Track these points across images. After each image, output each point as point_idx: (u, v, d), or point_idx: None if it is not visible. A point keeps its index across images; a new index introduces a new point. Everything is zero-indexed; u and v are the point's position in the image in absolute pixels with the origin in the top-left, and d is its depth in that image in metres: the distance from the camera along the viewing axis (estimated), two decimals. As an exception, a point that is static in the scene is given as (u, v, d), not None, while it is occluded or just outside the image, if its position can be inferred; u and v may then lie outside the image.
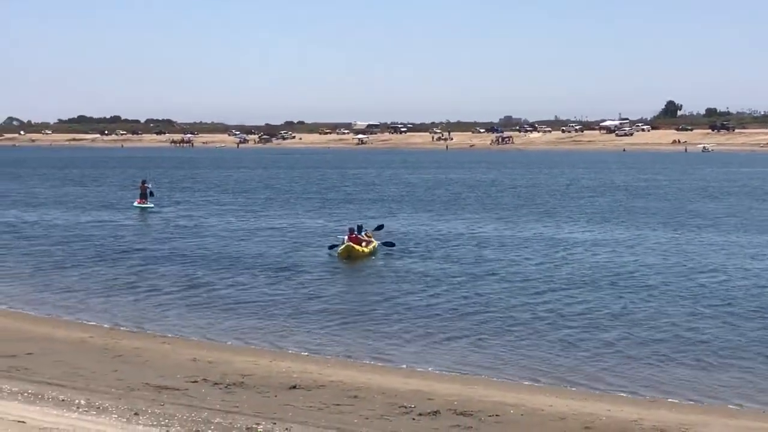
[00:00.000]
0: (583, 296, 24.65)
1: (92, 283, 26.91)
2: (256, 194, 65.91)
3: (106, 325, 20.74)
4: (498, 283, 26.77)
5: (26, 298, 24.71)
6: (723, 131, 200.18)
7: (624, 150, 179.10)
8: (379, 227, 36.01)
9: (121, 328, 20.49)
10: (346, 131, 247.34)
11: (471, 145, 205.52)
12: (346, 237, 32.43)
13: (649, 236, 38.50)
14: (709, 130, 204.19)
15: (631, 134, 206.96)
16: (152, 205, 52.75)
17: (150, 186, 54.54)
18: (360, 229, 33.38)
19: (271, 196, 64.34)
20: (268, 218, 46.99)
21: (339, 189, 71.79)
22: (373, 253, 32.53)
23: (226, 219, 46.82)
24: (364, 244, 32.38)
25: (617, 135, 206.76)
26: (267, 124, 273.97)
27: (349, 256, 31.63)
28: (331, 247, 33.16)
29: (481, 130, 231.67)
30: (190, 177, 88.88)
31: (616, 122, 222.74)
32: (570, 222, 44.82)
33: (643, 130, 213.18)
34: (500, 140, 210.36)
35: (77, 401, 13.01)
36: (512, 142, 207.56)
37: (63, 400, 13.05)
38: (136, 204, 53.53)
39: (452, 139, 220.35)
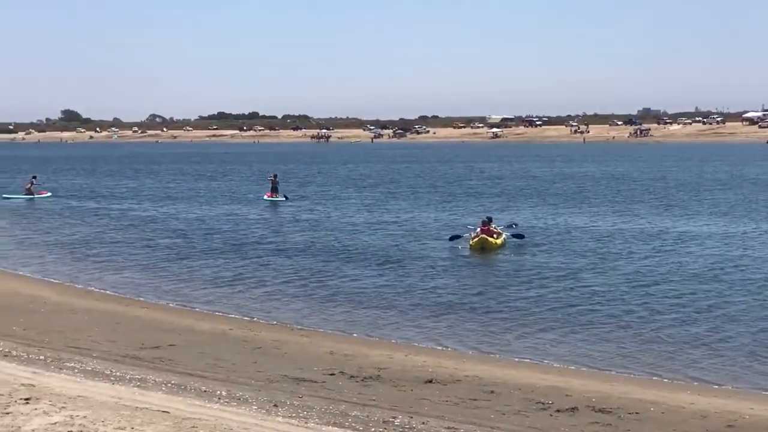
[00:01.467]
0: (715, 291, 23.96)
1: (224, 275, 27.54)
2: (381, 188, 66.38)
3: (245, 318, 21.15)
4: (624, 276, 26.37)
5: (166, 289, 25.43)
6: None
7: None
8: (511, 226, 36.19)
9: (260, 321, 20.84)
10: (480, 125, 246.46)
11: (612, 137, 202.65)
12: (479, 229, 32.45)
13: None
14: None
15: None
16: (283, 198, 54.13)
17: (279, 184, 56.08)
18: (490, 220, 33.39)
19: (397, 190, 64.69)
20: (392, 212, 47.24)
21: (464, 183, 71.78)
22: (503, 245, 32.49)
23: (351, 213, 47.36)
24: (495, 236, 32.40)
25: (760, 127, 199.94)
26: (401, 119, 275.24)
27: (483, 248, 31.65)
28: (452, 238, 33.40)
29: (619, 123, 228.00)
30: (319, 172, 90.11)
31: (759, 113, 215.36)
32: (694, 215, 43.73)
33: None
34: (638, 133, 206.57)
35: (219, 392, 13.27)
36: (651, 135, 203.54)
37: (205, 391, 13.31)
38: (266, 197, 55.12)
39: (589, 132, 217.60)
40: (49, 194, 60.77)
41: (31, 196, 58.77)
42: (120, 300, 23.33)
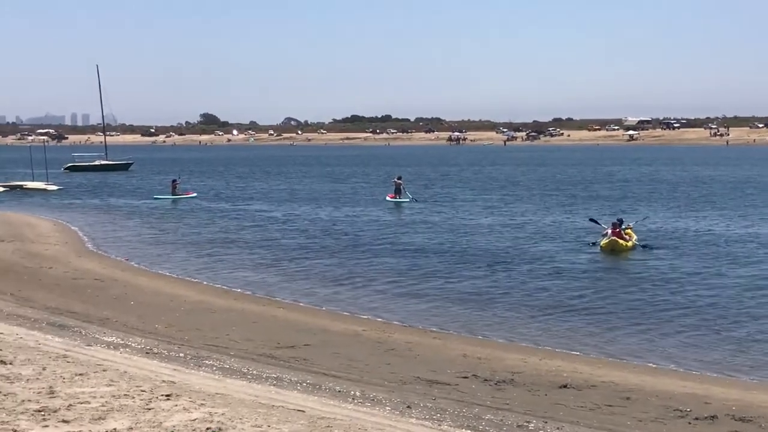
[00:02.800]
0: None
1: (352, 275, 27.80)
2: (507, 191, 66.41)
3: (378, 319, 21.27)
4: (759, 281, 25.71)
5: (296, 289, 25.76)
6: None
7: None
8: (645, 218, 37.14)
9: (392, 322, 20.92)
10: (615, 127, 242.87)
11: (753, 140, 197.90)
12: (610, 231, 32.39)
13: None
14: None
15: None
16: (407, 200, 54.78)
17: (404, 186, 56.78)
18: (621, 223, 33.26)
19: (522, 192, 64.67)
20: (516, 214, 47.15)
21: (591, 186, 71.18)
22: (633, 248, 32.34)
23: (474, 214, 47.49)
24: (625, 238, 32.40)
25: None
26: (535, 122, 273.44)
27: (613, 249, 31.69)
28: (593, 244, 33.37)
29: (760, 125, 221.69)
30: (444, 174, 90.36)
31: None
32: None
33: None
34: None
35: (353, 392, 13.35)
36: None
37: (339, 391, 13.41)
38: (387, 198, 56.10)
39: (729, 134, 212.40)
40: (195, 194, 62.91)
41: (178, 196, 60.87)
42: (257, 300, 23.76)
